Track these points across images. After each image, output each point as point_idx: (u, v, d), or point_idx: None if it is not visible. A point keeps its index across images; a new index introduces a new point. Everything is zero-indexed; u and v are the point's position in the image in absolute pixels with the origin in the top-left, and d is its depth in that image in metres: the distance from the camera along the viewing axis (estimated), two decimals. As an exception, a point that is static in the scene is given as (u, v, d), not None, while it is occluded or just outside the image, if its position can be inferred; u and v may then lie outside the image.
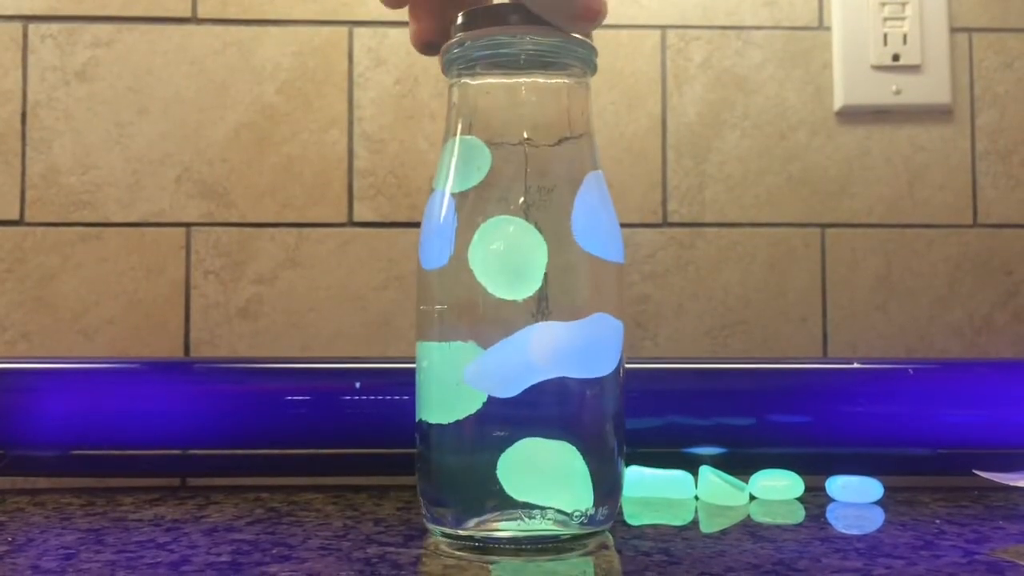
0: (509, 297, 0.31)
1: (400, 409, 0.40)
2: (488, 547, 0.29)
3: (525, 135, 0.33)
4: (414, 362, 0.32)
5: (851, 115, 0.72)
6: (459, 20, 0.33)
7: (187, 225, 0.70)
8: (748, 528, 0.34)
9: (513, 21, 0.32)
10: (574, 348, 0.31)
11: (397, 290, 0.69)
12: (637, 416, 0.43)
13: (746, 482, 0.41)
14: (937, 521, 0.35)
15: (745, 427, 0.44)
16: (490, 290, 0.31)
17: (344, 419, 0.43)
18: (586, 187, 0.33)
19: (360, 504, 0.37)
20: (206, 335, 0.69)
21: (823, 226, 0.72)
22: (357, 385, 0.43)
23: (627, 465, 0.41)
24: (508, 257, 0.31)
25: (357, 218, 0.70)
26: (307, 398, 0.43)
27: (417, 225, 0.72)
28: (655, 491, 0.40)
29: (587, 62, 0.34)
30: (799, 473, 0.41)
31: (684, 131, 0.72)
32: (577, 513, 0.29)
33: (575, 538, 0.30)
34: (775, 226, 0.72)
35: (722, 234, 0.72)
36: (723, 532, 0.33)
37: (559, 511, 0.29)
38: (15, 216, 0.69)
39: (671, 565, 0.28)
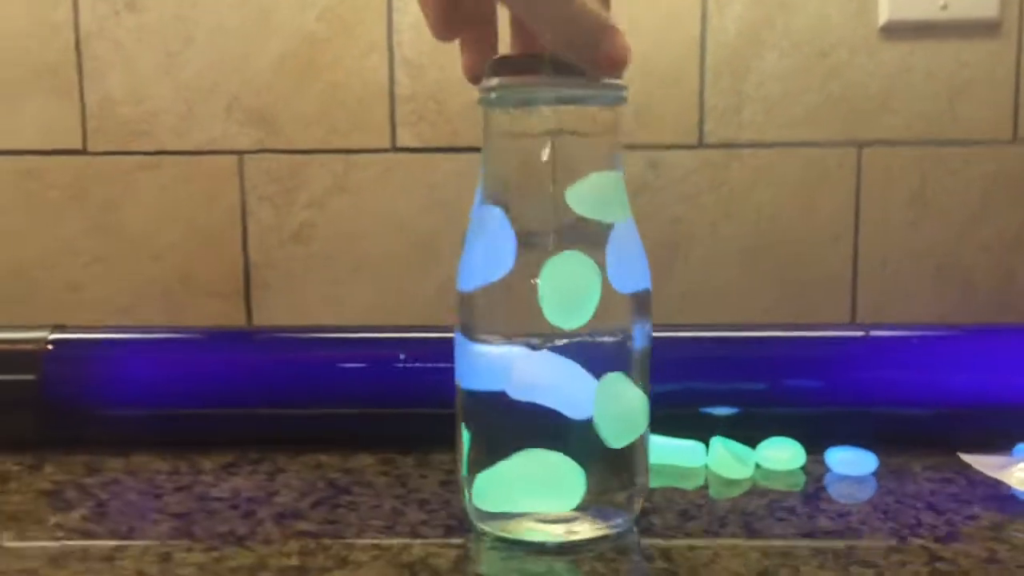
0: (565, 326, 0.34)
1: (441, 376, 0.45)
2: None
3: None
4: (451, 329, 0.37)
5: (895, 31, 0.71)
6: (489, 66, 0.35)
7: (239, 153, 0.73)
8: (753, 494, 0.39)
9: (543, 70, 0.34)
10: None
11: (439, 214, 0.72)
12: (660, 382, 0.47)
13: (754, 448, 0.45)
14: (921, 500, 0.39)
15: (758, 391, 0.47)
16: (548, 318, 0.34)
17: (391, 385, 0.47)
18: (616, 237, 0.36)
19: (407, 478, 0.43)
20: (263, 258, 0.74)
21: (860, 144, 0.73)
22: (401, 356, 0.47)
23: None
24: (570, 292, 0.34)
25: (400, 144, 0.73)
26: (359, 365, 0.48)
27: (458, 150, 0.75)
28: (669, 459, 0.45)
29: (615, 101, 0.36)
30: (807, 437, 0.45)
31: (723, 51, 0.72)
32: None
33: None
34: (811, 145, 0.73)
35: (758, 155, 0.73)
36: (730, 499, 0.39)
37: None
38: (78, 146, 0.73)
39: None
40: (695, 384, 0.48)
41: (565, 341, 0.34)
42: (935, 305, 0.73)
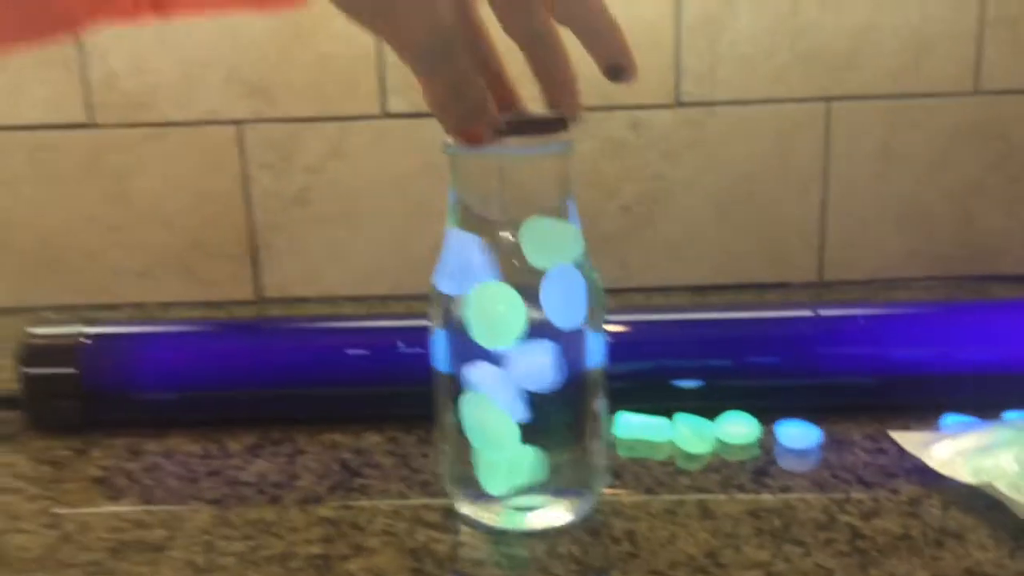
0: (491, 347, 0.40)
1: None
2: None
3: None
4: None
5: (863, -11, 0.74)
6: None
7: (238, 122, 0.77)
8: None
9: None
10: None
11: (431, 176, 0.77)
12: (635, 359, 0.53)
13: (713, 421, 0.51)
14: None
15: (721, 366, 0.53)
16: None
17: (392, 369, 0.53)
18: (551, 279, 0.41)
19: (412, 459, 0.49)
20: (267, 221, 0.78)
21: (828, 99, 0.76)
22: (400, 344, 0.53)
23: (618, 411, 0.52)
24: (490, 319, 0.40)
25: (391, 110, 0.76)
26: (364, 352, 0.54)
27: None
28: (637, 434, 0.51)
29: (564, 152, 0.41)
30: (763, 408, 0.51)
31: (697, 13, 0.74)
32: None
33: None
34: (782, 102, 0.76)
35: (732, 112, 0.76)
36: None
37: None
38: (85, 119, 0.77)
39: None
40: (666, 361, 0.54)
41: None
42: (899, 250, 0.79)
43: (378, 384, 0.54)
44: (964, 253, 0.79)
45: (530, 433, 0.41)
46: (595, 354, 0.42)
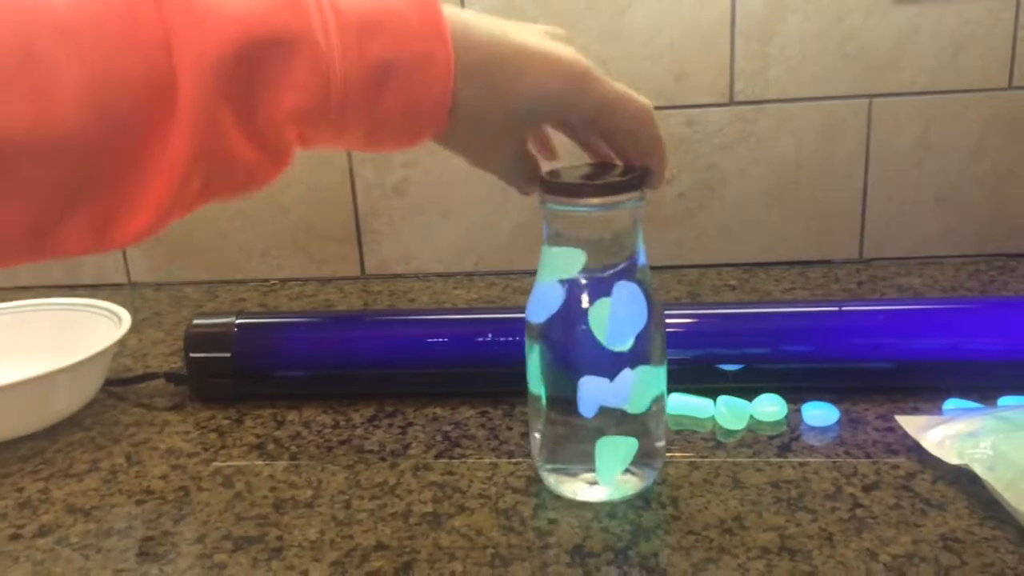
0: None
1: (513, 348, 0.62)
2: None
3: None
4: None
5: (905, -4, 0.80)
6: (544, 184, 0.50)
7: (343, 123, 0.88)
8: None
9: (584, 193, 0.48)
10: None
11: (512, 168, 0.87)
12: (686, 348, 0.63)
13: (751, 401, 0.61)
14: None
15: (759, 353, 0.63)
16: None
17: (481, 353, 0.65)
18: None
19: (500, 431, 0.61)
20: (369, 208, 0.90)
21: (871, 96, 0.84)
22: (489, 336, 0.64)
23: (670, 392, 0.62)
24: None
25: (476, 110, 0.86)
26: (458, 339, 0.66)
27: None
28: (687, 411, 0.62)
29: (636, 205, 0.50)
30: (793, 389, 0.62)
31: (751, 18, 0.82)
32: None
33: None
34: (828, 99, 0.84)
35: (782, 109, 0.85)
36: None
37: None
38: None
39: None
40: (711, 349, 0.64)
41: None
42: (935, 230, 0.87)
43: (470, 366, 0.65)
44: (995, 234, 0.86)
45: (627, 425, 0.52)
46: (663, 364, 0.53)
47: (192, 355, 0.66)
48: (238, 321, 0.67)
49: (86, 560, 0.51)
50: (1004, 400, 0.60)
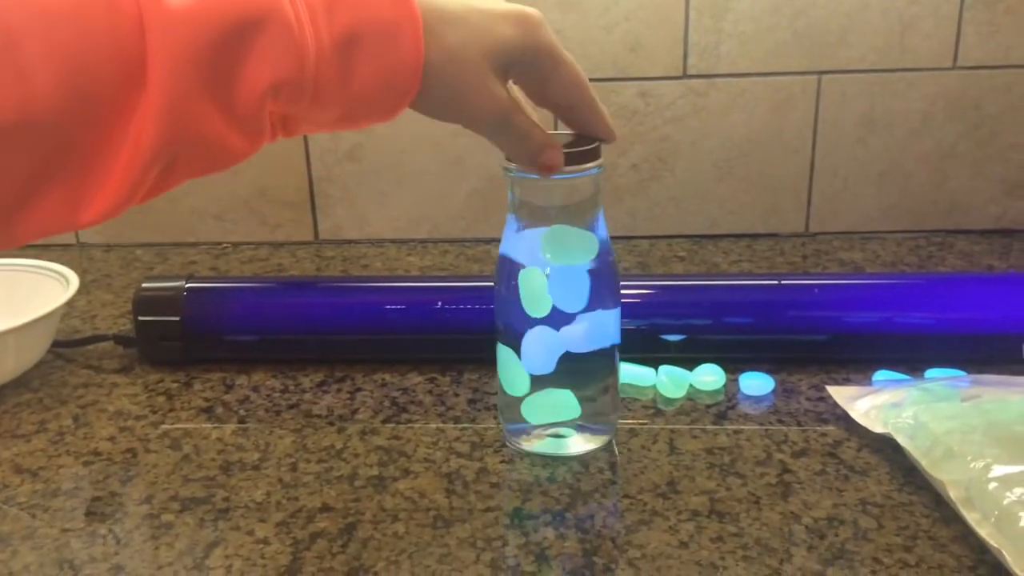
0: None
1: (465, 316, 0.63)
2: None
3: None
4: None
5: (855, -25, 0.82)
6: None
7: (298, 87, 0.88)
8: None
9: None
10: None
11: (467, 135, 0.87)
12: (633, 317, 0.65)
13: (691, 371, 0.63)
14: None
15: (701, 324, 0.65)
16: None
17: (432, 320, 0.66)
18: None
19: (447, 397, 0.62)
20: (324, 173, 0.90)
21: (820, 73, 0.85)
22: (439, 304, 0.65)
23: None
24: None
25: (431, 78, 0.87)
26: (410, 306, 0.67)
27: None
28: (629, 380, 0.63)
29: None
30: (733, 360, 0.64)
31: (705, -7, 0.83)
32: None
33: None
34: (778, 75, 0.85)
35: (733, 83, 0.86)
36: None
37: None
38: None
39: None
40: (655, 320, 0.65)
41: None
42: (878, 206, 0.89)
43: (419, 332, 0.67)
44: (936, 210, 0.89)
45: (567, 380, 0.53)
46: (617, 324, 0.54)
47: (141, 318, 0.67)
48: (188, 285, 0.67)
49: (33, 519, 0.51)
50: (931, 372, 0.62)
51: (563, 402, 0.54)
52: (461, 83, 0.45)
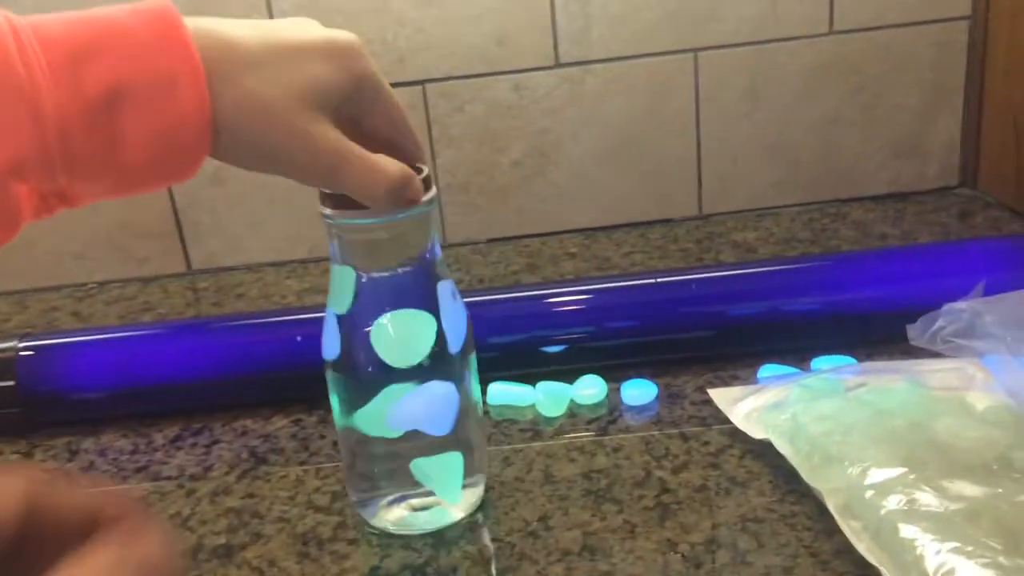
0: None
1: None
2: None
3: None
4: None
5: (719, -56, 0.78)
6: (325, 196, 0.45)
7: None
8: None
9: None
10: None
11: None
12: (508, 332, 0.61)
13: (571, 383, 0.59)
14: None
15: (582, 332, 0.61)
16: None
17: (293, 356, 0.61)
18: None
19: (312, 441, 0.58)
20: (188, 200, 0.85)
21: (695, 51, 0.82)
22: (298, 338, 0.61)
23: (491, 381, 0.60)
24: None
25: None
26: (269, 343, 0.62)
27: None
28: (507, 401, 0.59)
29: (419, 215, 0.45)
30: (616, 367, 0.60)
31: (567, -24, 0.79)
32: None
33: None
34: (653, 56, 0.82)
35: (608, 68, 0.82)
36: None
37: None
38: None
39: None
40: (532, 332, 0.62)
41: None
42: (769, 181, 0.86)
43: (280, 370, 0.62)
44: (827, 180, 0.86)
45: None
46: (472, 376, 0.49)
47: (-28, 386, 0.61)
48: (21, 344, 0.62)
49: None
50: (817, 361, 0.59)
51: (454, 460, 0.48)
52: (269, 130, 0.40)
